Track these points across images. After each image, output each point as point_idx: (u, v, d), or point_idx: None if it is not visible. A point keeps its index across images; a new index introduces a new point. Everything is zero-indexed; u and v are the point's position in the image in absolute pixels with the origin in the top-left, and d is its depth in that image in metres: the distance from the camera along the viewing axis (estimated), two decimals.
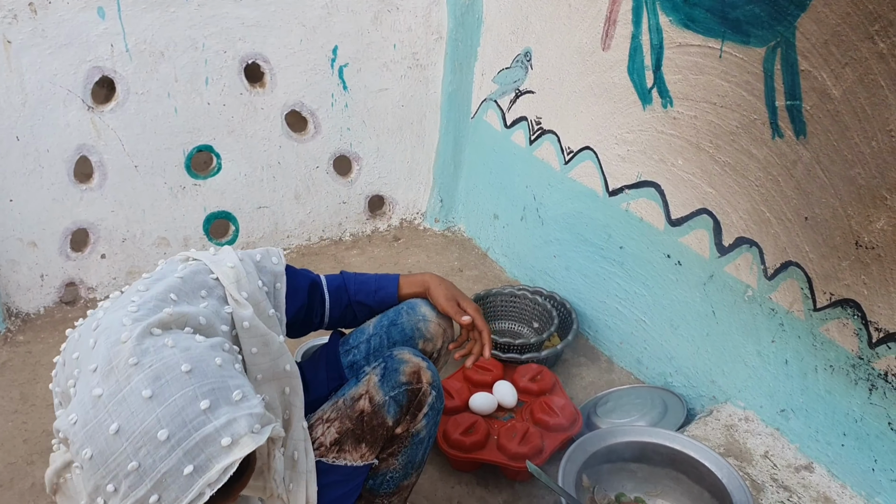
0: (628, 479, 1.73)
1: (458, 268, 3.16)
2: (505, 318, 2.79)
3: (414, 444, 1.54)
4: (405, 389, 1.48)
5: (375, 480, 1.56)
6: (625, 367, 2.61)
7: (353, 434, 1.47)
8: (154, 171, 2.74)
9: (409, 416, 1.50)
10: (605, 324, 2.65)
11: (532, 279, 2.96)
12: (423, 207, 3.40)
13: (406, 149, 3.22)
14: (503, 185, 3.03)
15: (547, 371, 2.42)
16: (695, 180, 2.14)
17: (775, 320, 1.99)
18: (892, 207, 1.64)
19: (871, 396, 1.79)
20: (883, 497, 1.82)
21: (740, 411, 2.15)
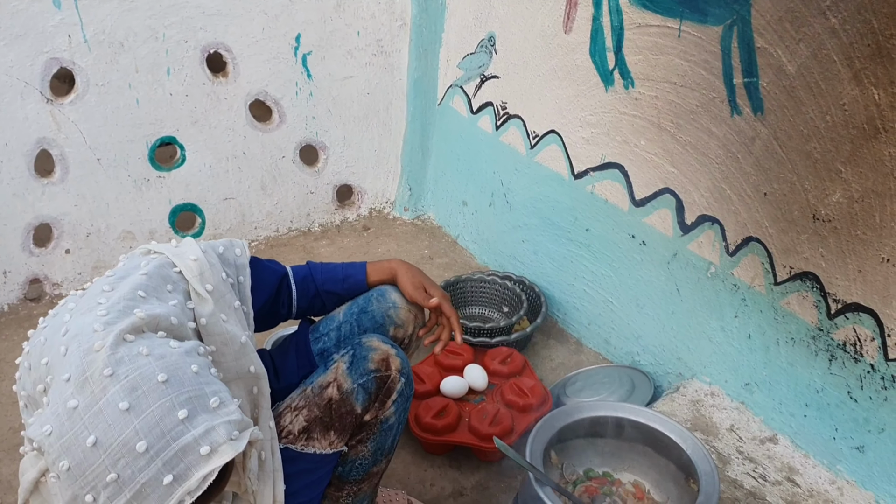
0: (596, 455, 1.75)
1: (429, 256, 3.17)
2: (475, 304, 2.81)
3: (383, 430, 1.54)
4: (374, 377, 1.48)
5: (345, 468, 1.56)
6: (593, 347, 2.63)
7: (322, 422, 1.47)
8: (117, 164, 2.72)
9: (378, 403, 1.51)
10: (573, 306, 2.67)
11: (502, 265, 2.98)
12: (392, 196, 3.40)
13: (373, 137, 3.22)
14: (471, 172, 3.04)
15: (517, 353, 2.44)
16: (657, 160, 2.16)
17: (738, 296, 2.02)
18: (847, 180, 1.67)
19: (831, 367, 1.83)
20: (844, 465, 1.86)
21: (706, 386, 2.18)
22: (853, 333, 1.75)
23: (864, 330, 1.73)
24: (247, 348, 1.37)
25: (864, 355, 1.74)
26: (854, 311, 1.74)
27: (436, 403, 2.19)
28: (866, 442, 1.80)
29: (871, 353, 1.73)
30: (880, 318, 1.69)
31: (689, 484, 1.60)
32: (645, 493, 1.71)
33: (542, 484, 1.48)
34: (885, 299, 1.67)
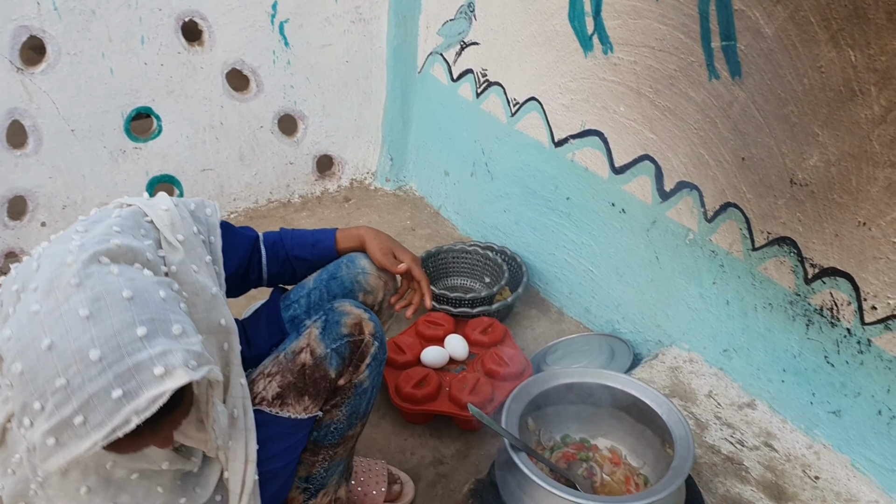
0: (573, 421, 1.74)
1: (411, 227, 3.15)
2: (456, 274, 2.79)
3: (357, 394, 1.53)
4: (347, 341, 1.47)
5: (320, 432, 1.55)
6: (574, 316, 2.63)
7: (296, 387, 1.46)
8: (92, 135, 2.68)
9: (352, 367, 1.49)
10: (554, 275, 2.66)
11: (484, 235, 2.96)
12: (374, 167, 3.37)
13: (353, 106, 3.18)
14: (452, 141, 3.01)
15: (498, 323, 2.43)
16: (636, 126, 2.14)
17: (716, 262, 2.02)
18: (824, 144, 1.66)
19: (809, 331, 1.83)
20: (821, 429, 1.87)
21: (685, 353, 2.18)
22: (830, 298, 1.75)
23: (840, 294, 1.73)
24: (218, 301, 1.35)
25: (841, 320, 1.74)
26: (831, 275, 1.74)
27: (416, 373, 2.19)
28: (843, 406, 1.80)
29: (848, 317, 1.73)
30: (857, 282, 1.68)
31: (666, 449, 1.60)
32: (621, 459, 1.71)
33: (518, 450, 1.47)
34: (861, 263, 1.66)
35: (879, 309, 1.65)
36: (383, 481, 1.96)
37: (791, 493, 1.77)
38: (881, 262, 1.62)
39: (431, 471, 2.11)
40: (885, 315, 1.65)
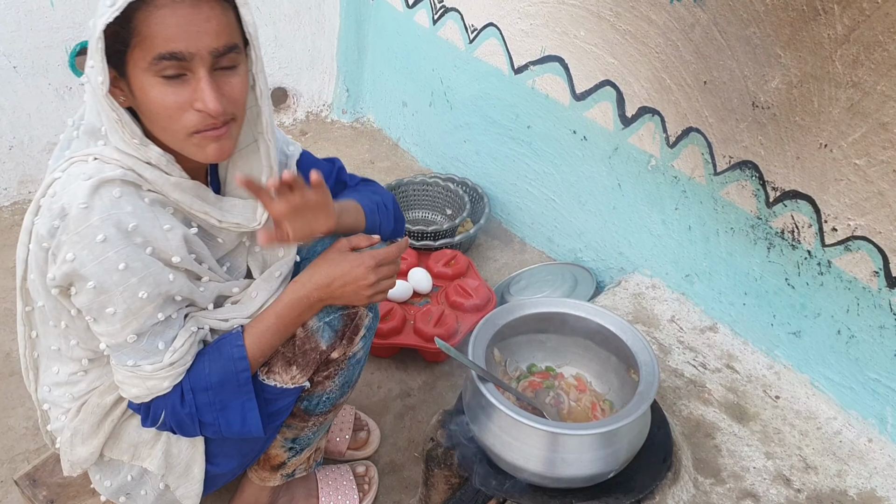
0: (538, 350, 1.74)
1: (370, 160, 3.10)
2: (418, 207, 2.76)
3: (351, 365, 1.50)
4: (340, 314, 1.42)
5: (311, 402, 1.52)
6: (537, 246, 2.62)
7: (283, 356, 1.41)
8: (36, 72, 2.56)
9: (346, 340, 1.45)
10: (516, 206, 2.64)
11: (444, 167, 2.92)
12: (329, 99, 3.29)
13: (306, 36, 3.08)
14: (409, 70, 2.94)
15: (461, 255, 2.42)
16: (597, 51, 2.10)
17: (678, 188, 2.01)
18: (786, 65, 1.64)
19: (770, 255, 1.84)
20: (781, 350, 1.90)
21: (647, 279, 2.19)
22: (791, 221, 1.76)
23: (801, 217, 1.73)
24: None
25: (802, 242, 1.76)
26: (792, 198, 1.74)
27: (381, 307, 2.17)
28: (803, 327, 1.83)
29: (809, 239, 1.74)
30: (817, 204, 1.69)
31: (630, 374, 1.61)
32: (587, 386, 1.72)
33: (484, 380, 1.47)
34: (822, 185, 1.67)
35: (840, 230, 1.67)
36: (348, 428, 1.96)
37: (752, 413, 1.81)
38: (842, 184, 1.62)
39: (399, 403, 2.12)
40: (845, 236, 1.66)
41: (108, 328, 1.24)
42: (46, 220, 1.19)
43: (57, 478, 1.63)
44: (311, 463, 1.71)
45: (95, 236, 1.17)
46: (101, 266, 1.18)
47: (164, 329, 1.28)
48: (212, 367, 1.33)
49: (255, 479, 1.67)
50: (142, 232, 1.20)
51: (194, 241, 1.31)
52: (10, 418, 1.96)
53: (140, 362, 1.27)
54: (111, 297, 1.20)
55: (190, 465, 1.50)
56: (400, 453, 1.99)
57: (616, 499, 1.46)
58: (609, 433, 1.41)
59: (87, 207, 1.16)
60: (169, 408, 1.32)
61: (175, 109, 1.17)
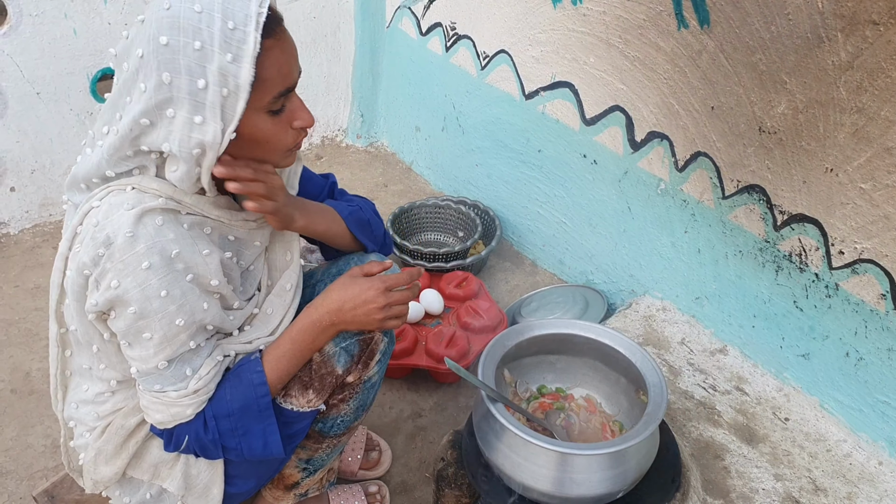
0: (548, 371, 1.77)
1: (383, 183, 3.14)
2: (430, 230, 2.79)
3: (366, 389, 1.53)
4: (356, 340, 1.45)
5: (325, 424, 1.54)
6: (548, 269, 2.65)
7: (300, 380, 1.44)
8: (58, 98, 2.62)
9: (361, 365, 1.47)
10: (527, 228, 2.67)
11: (456, 190, 2.96)
12: (344, 123, 3.34)
13: (321, 63, 3.14)
14: (423, 96, 2.99)
15: (472, 277, 2.44)
16: (606, 77, 2.14)
17: (687, 211, 2.04)
18: (792, 91, 1.67)
19: (778, 277, 1.86)
20: (790, 372, 1.91)
21: (658, 302, 2.21)
22: (798, 244, 1.78)
23: (808, 240, 1.75)
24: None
25: (809, 265, 1.77)
26: (799, 221, 1.76)
27: None
28: (811, 349, 1.84)
29: (816, 262, 1.76)
30: (824, 227, 1.71)
31: (640, 396, 1.63)
32: (597, 407, 1.74)
33: (495, 401, 1.49)
34: (828, 209, 1.69)
35: (847, 253, 1.68)
36: (360, 448, 1.98)
37: (762, 435, 1.82)
38: (848, 208, 1.64)
39: (410, 424, 2.14)
40: (852, 259, 1.68)
41: (142, 353, 1.28)
42: (90, 248, 1.22)
43: (75, 494, 1.66)
44: (324, 483, 1.73)
45: (141, 264, 1.21)
46: (143, 293, 1.22)
47: (192, 357, 1.32)
48: (233, 394, 1.36)
49: (269, 498, 1.70)
50: (183, 258, 1.25)
51: (227, 264, 1.36)
52: (29, 436, 1.99)
53: (167, 388, 1.31)
54: (150, 322, 1.25)
55: (209, 486, 1.52)
56: (411, 473, 2.01)
57: None
58: (617, 453, 1.42)
59: (132, 236, 1.20)
60: (192, 434, 1.36)
61: (280, 134, 1.25)
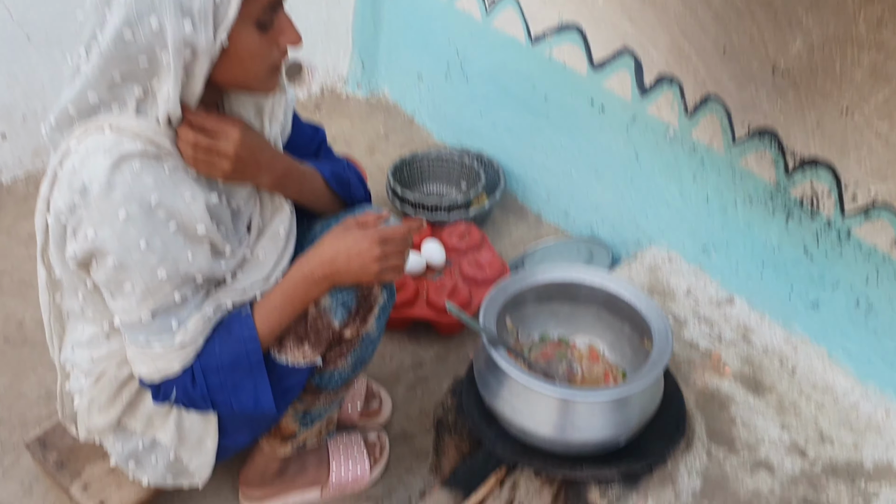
0: (551, 320, 1.73)
1: (385, 134, 3.08)
2: (432, 181, 2.74)
3: (364, 344, 1.49)
4: (354, 294, 1.40)
5: (322, 378, 1.51)
6: (552, 221, 2.60)
7: (296, 333, 1.39)
8: (49, 42, 2.55)
9: (359, 319, 1.43)
10: (532, 179, 2.62)
11: (460, 140, 2.89)
12: (344, 72, 3.27)
13: (321, 8, 3.05)
14: (425, 42, 2.91)
15: (475, 228, 2.40)
16: (615, 18, 2.06)
17: (696, 157, 1.98)
18: (808, 28, 1.60)
19: (788, 224, 1.80)
20: (798, 321, 1.87)
21: (664, 252, 2.16)
22: (810, 189, 1.73)
23: (821, 185, 1.70)
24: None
25: (821, 211, 1.72)
26: (812, 165, 1.70)
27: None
28: (821, 298, 1.80)
29: (828, 208, 1.70)
30: (837, 171, 1.65)
31: (644, 344, 1.59)
32: (600, 356, 1.70)
33: (495, 346, 1.46)
34: (842, 151, 1.63)
35: (860, 198, 1.63)
36: (360, 397, 1.95)
37: (768, 386, 1.78)
38: (863, 150, 1.58)
39: (411, 375, 2.11)
40: (866, 204, 1.62)
41: (125, 305, 1.24)
42: (66, 195, 1.19)
43: (67, 442, 1.64)
44: (323, 435, 1.71)
45: (118, 213, 1.16)
46: (122, 244, 1.18)
47: (179, 309, 1.28)
48: (223, 349, 1.32)
49: (266, 449, 1.67)
50: (164, 206, 1.20)
51: (216, 208, 1.30)
52: (22, 385, 1.97)
53: (152, 341, 1.27)
54: (130, 274, 1.20)
55: (203, 438, 1.50)
56: (411, 423, 1.98)
57: (627, 465, 1.45)
58: (620, 399, 1.39)
59: (108, 184, 1.16)
60: (180, 388, 1.32)
61: (266, 50, 1.22)
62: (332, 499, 1.80)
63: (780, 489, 1.56)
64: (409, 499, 1.76)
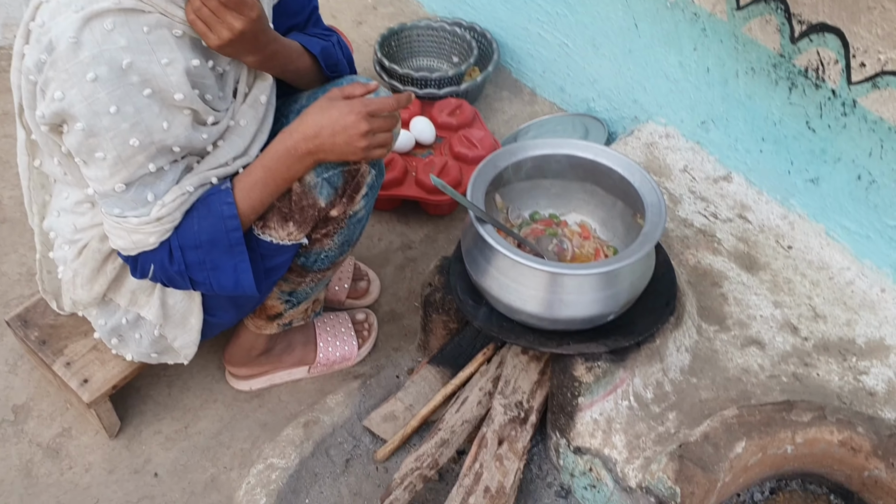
0: (542, 197, 1.67)
1: (372, 5, 2.93)
2: (422, 54, 2.62)
3: (351, 224, 1.44)
4: (341, 171, 1.33)
5: (308, 258, 1.46)
6: (547, 97, 2.51)
7: (279, 212, 1.34)
8: None
9: (346, 198, 1.37)
10: (527, 52, 2.50)
11: (451, 11, 2.75)
12: None
13: None
14: None
15: (466, 105, 2.31)
16: None
17: (697, 25, 1.87)
18: None
19: (791, 96, 1.72)
20: (797, 198, 1.82)
21: (661, 128, 2.08)
22: (816, 57, 1.63)
23: (827, 52, 1.60)
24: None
25: (826, 80, 1.63)
26: (819, 32, 1.60)
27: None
28: (821, 173, 1.74)
29: (834, 77, 1.62)
30: (846, 37, 1.56)
31: (637, 220, 1.54)
32: (591, 233, 1.66)
33: (483, 222, 1.41)
34: (852, 15, 1.53)
35: (868, 65, 1.54)
36: (347, 277, 1.92)
37: (763, 263, 1.75)
38: (875, 13, 1.48)
39: (400, 255, 2.08)
40: (874, 72, 1.54)
41: (98, 173, 1.18)
42: (35, 52, 1.12)
43: (48, 319, 1.62)
44: (310, 314, 1.69)
45: (85, 74, 1.09)
46: (90, 108, 1.11)
47: (155, 181, 1.21)
48: (201, 225, 1.27)
49: (251, 328, 1.65)
50: (138, 69, 1.12)
51: (198, 72, 1.21)
52: (3, 264, 1.93)
53: (127, 213, 1.22)
54: (100, 141, 1.14)
55: (186, 315, 1.47)
56: (400, 303, 1.97)
57: (615, 341, 1.43)
58: (610, 273, 1.36)
59: (76, 42, 1.09)
60: (158, 264, 1.28)
61: None
62: (319, 376, 1.80)
63: (770, 365, 1.54)
64: (398, 376, 1.76)
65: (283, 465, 1.56)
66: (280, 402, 1.76)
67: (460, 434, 1.54)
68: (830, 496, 1.49)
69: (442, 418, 1.58)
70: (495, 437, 1.49)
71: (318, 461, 1.59)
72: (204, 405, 1.75)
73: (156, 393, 1.75)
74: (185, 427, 1.71)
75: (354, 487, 1.58)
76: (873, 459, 1.37)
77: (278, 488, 1.53)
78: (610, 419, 1.47)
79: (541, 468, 1.60)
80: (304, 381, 1.79)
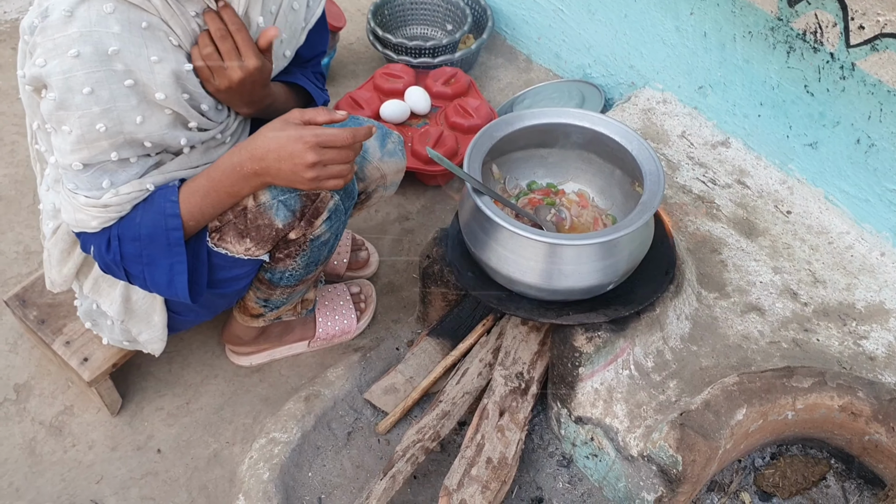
0: (539, 167, 1.66)
1: None
2: (416, 23, 2.59)
3: (315, 247, 1.41)
4: (297, 195, 1.30)
5: (273, 275, 1.45)
6: (543, 64, 2.48)
7: (235, 227, 1.31)
8: None
9: (305, 222, 1.34)
10: (522, 19, 2.47)
11: None
12: None
13: None
14: None
15: (461, 73, 2.29)
16: None
17: None
18: None
19: (789, 59, 1.70)
20: (796, 163, 1.80)
21: (658, 94, 2.07)
22: (814, 20, 1.61)
23: (826, 15, 1.58)
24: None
25: (825, 44, 1.62)
26: None
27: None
28: (820, 137, 1.73)
29: (832, 40, 1.60)
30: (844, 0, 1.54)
31: (635, 188, 1.53)
32: (589, 202, 1.65)
33: (480, 193, 1.40)
34: None
35: (867, 28, 1.52)
36: (346, 251, 1.91)
37: (762, 229, 1.74)
38: None
39: (397, 227, 2.07)
40: (873, 35, 1.52)
41: (60, 145, 1.17)
42: (32, 14, 1.12)
43: (47, 298, 1.62)
44: (300, 311, 1.68)
45: (69, 49, 1.08)
46: (66, 82, 1.10)
47: (116, 169, 1.20)
48: (143, 219, 1.24)
49: (239, 319, 1.64)
50: (124, 59, 1.11)
51: (190, 78, 1.20)
52: (0, 243, 1.92)
53: (79, 191, 1.21)
54: (69, 116, 1.13)
55: (149, 313, 1.46)
56: (398, 275, 1.96)
57: (614, 310, 1.43)
58: (608, 243, 1.35)
59: (69, 15, 1.08)
60: (96, 248, 1.28)
61: None
62: (319, 350, 1.80)
63: (770, 331, 1.54)
64: (397, 348, 1.76)
65: (286, 440, 1.56)
66: (281, 376, 1.76)
67: (461, 405, 1.54)
68: (831, 460, 1.50)
69: (443, 390, 1.58)
70: (496, 408, 1.49)
71: (319, 434, 1.60)
72: (205, 381, 1.75)
73: (156, 370, 1.75)
74: (187, 403, 1.71)
75: (357, 460, 1.59)
76: (873, 424, 1.37)
77: (281, 462, 1.53)
78: (611, 388, 1.47)
79: (542, 438, 1.60)
80: (304, 356, 1.79)
